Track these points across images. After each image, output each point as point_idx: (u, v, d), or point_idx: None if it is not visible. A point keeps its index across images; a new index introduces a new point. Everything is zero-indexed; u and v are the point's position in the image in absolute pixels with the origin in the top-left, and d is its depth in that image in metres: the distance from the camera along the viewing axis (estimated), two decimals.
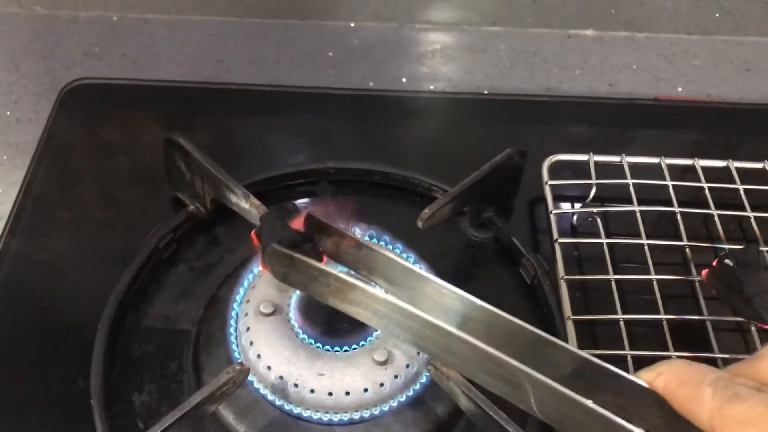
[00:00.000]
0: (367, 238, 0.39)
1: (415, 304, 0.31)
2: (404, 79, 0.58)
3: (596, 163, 0.45)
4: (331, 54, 0.59)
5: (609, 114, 0.55)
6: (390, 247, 0.39)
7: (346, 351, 0.35)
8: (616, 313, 0.38)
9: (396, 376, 0.34)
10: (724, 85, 0.59)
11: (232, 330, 0.36)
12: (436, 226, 0.43)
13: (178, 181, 0.42)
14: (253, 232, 0.35)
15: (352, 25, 0.61)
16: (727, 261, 0.37)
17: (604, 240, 0.41)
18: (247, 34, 0.60)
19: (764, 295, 0.37)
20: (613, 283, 0.40)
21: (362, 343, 0.35)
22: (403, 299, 0.31)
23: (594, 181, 0.44)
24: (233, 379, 0.32)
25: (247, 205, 0.37)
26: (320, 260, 0.33)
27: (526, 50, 0.61)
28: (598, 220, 0.43)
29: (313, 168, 0.45)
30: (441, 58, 0.60)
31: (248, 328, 0.35)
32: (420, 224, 0.38)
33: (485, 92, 0.57)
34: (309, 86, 0.56)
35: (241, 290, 0.37)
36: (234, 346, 0.36)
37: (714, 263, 0.39)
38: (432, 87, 0.58)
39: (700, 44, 0.62)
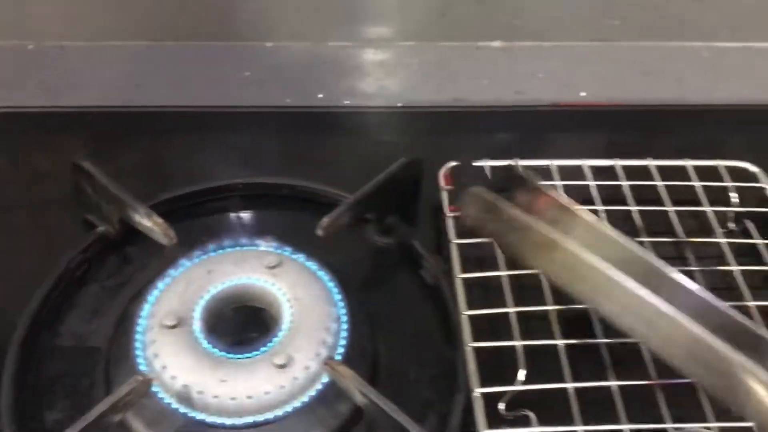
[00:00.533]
0: (271, 250, 0.42)
1: None
2: (320, 95, 0.60)
3: (493, 168, 0.47)
4: (248, 74, 0.61)
5: (514, 121, 0.58)
6: (293, 256, 0.41)
7: (248, 357, 0.37)
8: (507, 306, 0.41)
9: (296, 378, 0.36)
10: (625, 88, 0.62)
11: (138, 344, 0.38)
12: (344, 235, 0.45)
13: (87, 203, 0.43)
14: (447, 171, 0.33)
15: (269, 44, 0.63)
16: None
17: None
18: (164, 58, 0.61)
19: None
20: (505, 278, 0.42)
21: (263, 349, 0.37)
22: None
23: None
24: (135, 390, 0.33)
25: (150, 223, 0.38)
26: None
27: (437, 63, 0.63)
28: None
29: (221, 184, 0.47)
30: (356, 74, 0.62)
31: (153, 341, 0.37)
32: (320, 232, 0.41)
33: (398, 105, 0.60)
34: (225, 105, 0.57)
35: (147, 305, 0.38)
36: (140, 359, 0.37)
37: None
38: (347, 102, 0.60)
39: (601, 51, 0.65)
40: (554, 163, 0.48)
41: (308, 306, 0.38)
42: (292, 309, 0.38)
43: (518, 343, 0.39)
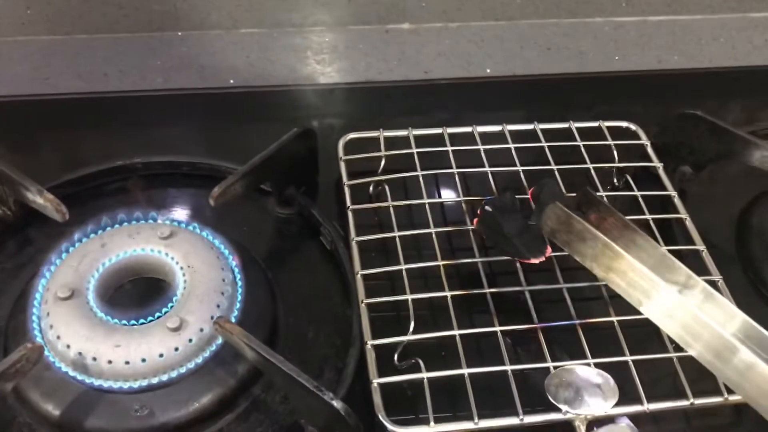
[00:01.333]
0: (175, 225, 0.43)
1: None
2: (232, 81, 0.61)
3: (387, 138, 0.49)
4: (159, 63, 0.62)
5: (421, 96, 0.61)
6: (187, 227, 0.42)
7: (142, 324, 0.38)
8: (400, 264, 0.43)
9: (190, 340, 0.37)
10: (529, 64, 0.65)
11: (34, 318, 0.38)
12: (245, 208, 0.47)
13: None
14: (531, 191, 0.42)
15: (180, 34, 0.64)
16: (487, 208, 0.43)
17: (390, 203, 0.46)
18: (74, 51, 0.62)
19: (522, 235, 0.42)
20: (397, 239, 0.44)
21: (157, 314, 0.38)
22: None
23: (383, 153, 0.48)
24: (26, 357, 0.34)
25: (42, 200, 0.39)
26: None
27: (347, 47, 0.65)
28: (387, 187, 0.47)
29: (120, 165, 0.47)
30: (266, 60, 0.64)
31: (48, 313, 0.38)
32: (212, 202, 0.42)
33: (308, 85, 0.61)
34: (133, 90, 0.58)
35: (43, 281, 0.39)
36: (37, 332, 0.38)
37: (479, 212, 0.44)
38: (260, 83, 0.61)
39: (506, 29, 0.68)
40: (447, 130, 0.50)
41: (202, 273, 0.40)
42: (185, 276, 0.39)
43: (408, 297, 0.41)
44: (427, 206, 0.46)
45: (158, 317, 0.38)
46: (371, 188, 0.48)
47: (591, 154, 0.50)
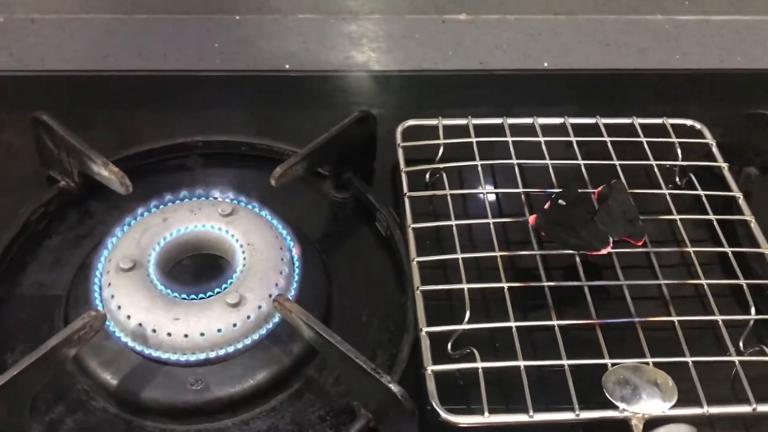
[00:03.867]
0: (236, 203, 0.43)
1: None
2: (287, 66, 0.61)
3: (446, 126, 0.49)
4: (216, 45, 0.62)
5: (477, 85, 0.60)
6: (247, 206, 0.43)
7: (201, 298, 0.38)
8: (456, 253, 0.42)
9: (248, 317, 0.38)
10: (587, 59, 0.64)
11: (96, 287, 0.39)
12: (302, 191, 0.47)
13: (49, 158, 0.44)
14: (598, 190, 0.43)
15: (237, 17, 0.65)
16: (560, 201, 0.42)
17: (447, 192, 0.46)
18: (134, 30, 0.63)
19: (588, 228, 0.42)
20: (454, 228, 0.44)
21: (217, 290, 0.38)
22: None
23: (441, 141, 0.48)
24: (89, 324, 0.35)
25: (107, 172, 0.40)
26: None
27: (403, 35, 0.65)
28: (444, 175, 0.47)
29: (181, 142, 0.48)
30: (323, 46, 0.64)
31: (110, 284, 0.38)
32: (273, 182, 0.42)
33: (363, 71, 0.61)
34: (191, 69, 0.59)
35: (105, 252, 0.40)
36: (98, 302, 0.38)
37: (546, 206, 0.43)
38: (315, 68, 0.61)
39: (565, 23, 0.67)
40: (507, 121, 0.50)
41: (262, 251, 0.40)
42: (245, 254, 0.40)
43: (464, 286, 0.41)
44: (484, 196, 0.45)
45: (217, 293, 0.38)
46: (428, 176, 0.48)
47: (653, 151, 0.49)
